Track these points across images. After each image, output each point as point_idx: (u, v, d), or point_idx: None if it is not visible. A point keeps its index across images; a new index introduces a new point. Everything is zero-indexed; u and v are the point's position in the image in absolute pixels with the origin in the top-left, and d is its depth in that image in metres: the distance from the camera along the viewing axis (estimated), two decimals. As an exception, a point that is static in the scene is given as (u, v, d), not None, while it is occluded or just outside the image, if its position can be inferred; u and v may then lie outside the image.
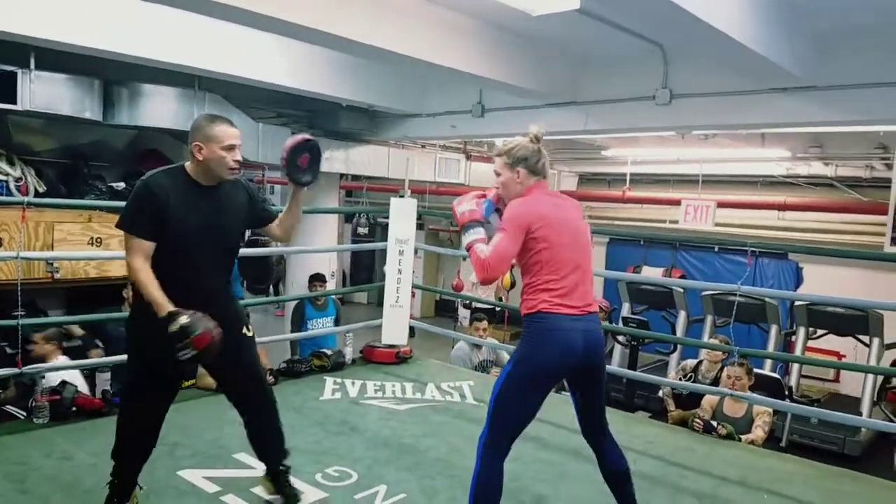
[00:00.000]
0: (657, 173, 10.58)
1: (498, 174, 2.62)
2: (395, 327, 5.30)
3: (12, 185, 4.94)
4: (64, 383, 4.02)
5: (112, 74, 5.21)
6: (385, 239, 5.33)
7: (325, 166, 7.10)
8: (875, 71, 4.12)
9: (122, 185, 5.63)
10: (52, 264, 4.82)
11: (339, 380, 4.82)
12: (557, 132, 6.23)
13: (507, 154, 2.58)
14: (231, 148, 2.53)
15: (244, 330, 2.75)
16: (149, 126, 5.52)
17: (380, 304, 5.45)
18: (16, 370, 3.73)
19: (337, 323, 6.07)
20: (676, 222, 9.34)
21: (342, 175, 8.95)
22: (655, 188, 10.83)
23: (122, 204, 2.59)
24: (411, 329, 5.88)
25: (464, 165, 9.20)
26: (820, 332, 7.71)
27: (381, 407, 4.36)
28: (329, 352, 5.10)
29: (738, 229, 9.71)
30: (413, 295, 5.57)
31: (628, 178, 10.06)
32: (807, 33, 4.14)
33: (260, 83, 5.33)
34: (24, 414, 3.81)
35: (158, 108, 5.49)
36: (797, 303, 7.63)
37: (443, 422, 4.17)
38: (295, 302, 6.36)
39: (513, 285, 10.35)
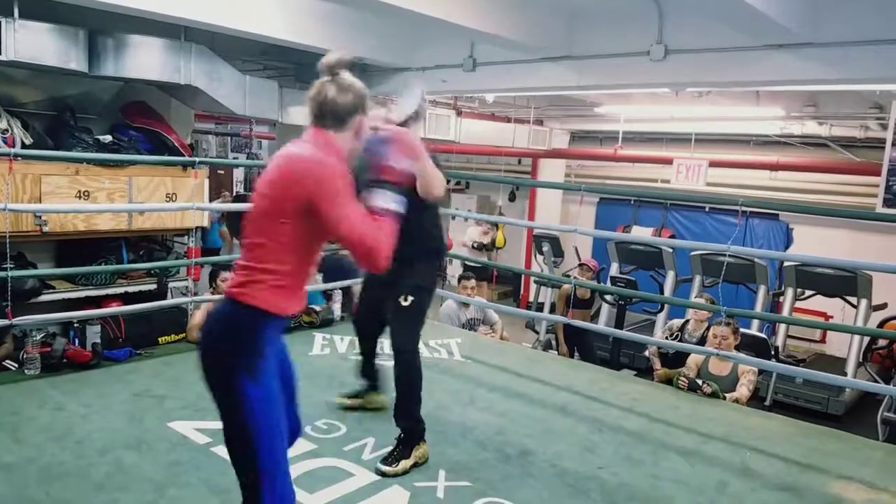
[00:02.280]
0: (650, 131, 10.51)
1: None
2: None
3: (-2, 137, 4.86)
4: (55, 335, 4.04)
5: (97, 24, 5.09)
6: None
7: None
8: (872, 28, 4.05)
9: (108, 137, 5.52)
10: (40, 217, 4.78)
11: (327, 336, 4.85)
12: (551, 87, 6.16)
13: None
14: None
15: (400, 298, 2.96)
16: (134, 77, 5.41)
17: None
18: (6, 322, 3.74)
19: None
20: (668, 182, 9.32)
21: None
22: (648, 146, 10.78)
23: (110, 157, 2.59)
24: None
25: (454, 122, 9.08)
26: (808, 292, 7.77)
27: (370, 362, 4.39)
28: (318, 308, 5.12)
29: (729, 189, 9.72)
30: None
31: (621, 136, 10.01)
32: (804, -11, 4.08)
33: (247, 34, 5.22)
34: (16, 365, 3.83)
35: (144, 60, 5.37)
36: (786, 263, 7.68)
37: (430, 378, 4.17)
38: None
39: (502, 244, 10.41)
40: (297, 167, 1.89)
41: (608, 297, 7.90)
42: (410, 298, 2.96)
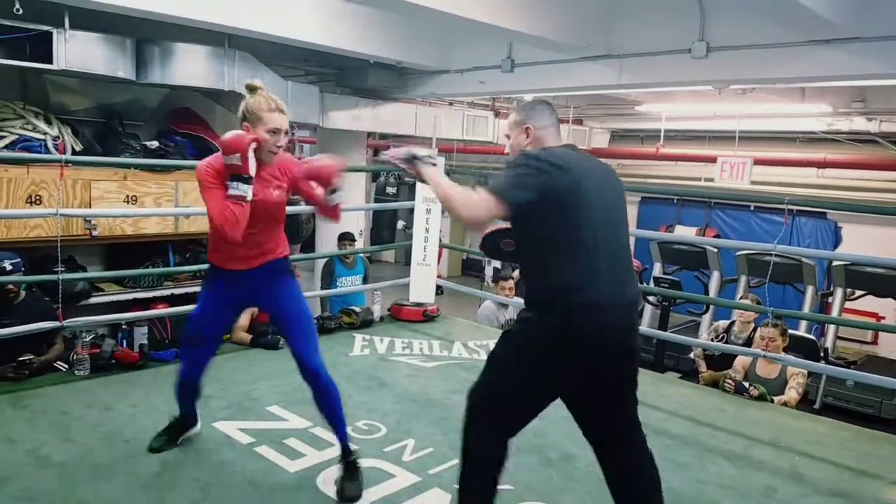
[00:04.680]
0: (692, 129, 10.35)
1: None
2: (422, 285, 5.33)
3: (50, 144, 5.00)
4: (104, 336, 4.15)
5: (144, 33, 5.23)
6: (411, 198, 5.33)
7: (352, 124, 7.09)
8: (924, 21, 3.94)
9: (155, 143, 5.67)
10: (89, 221, 4.92)
11: (367, 337, 4.88)
12: (591, 86, 6.11)
13: None
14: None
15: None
16: (180, 85, 5.54)
17: (407, 262, 5.48)
18: (57, 324, 3.85)
19: (365, 281, 6.12)
20: (712, 180, 9.16)
21: (369, 133, 8.91)
22: (690, 145, 10.61)
23: (157, 162, 2.73)
24: (440, 288, 5.90)
25: (492, 123, 9.07)
26: (858, 293, 7.55)
27: (408, 364, 4.41)
28: (358, 309, 5.16)
29: (775, 187, 9.49)
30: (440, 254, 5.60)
31: (662, 134, 9.86)
32: (851, -19, 3.97)
33: (289, 40, 5.30)
34: (66, 366, 3.93)
35: (190, 67, 5.50)
36: (835, 263, 7.48)
37: (469, 379, 4.13)
38: (325, 260, 6.43)
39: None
40: None
41: (651, 298, 7.79)
42: (493, 345, 2.39)
